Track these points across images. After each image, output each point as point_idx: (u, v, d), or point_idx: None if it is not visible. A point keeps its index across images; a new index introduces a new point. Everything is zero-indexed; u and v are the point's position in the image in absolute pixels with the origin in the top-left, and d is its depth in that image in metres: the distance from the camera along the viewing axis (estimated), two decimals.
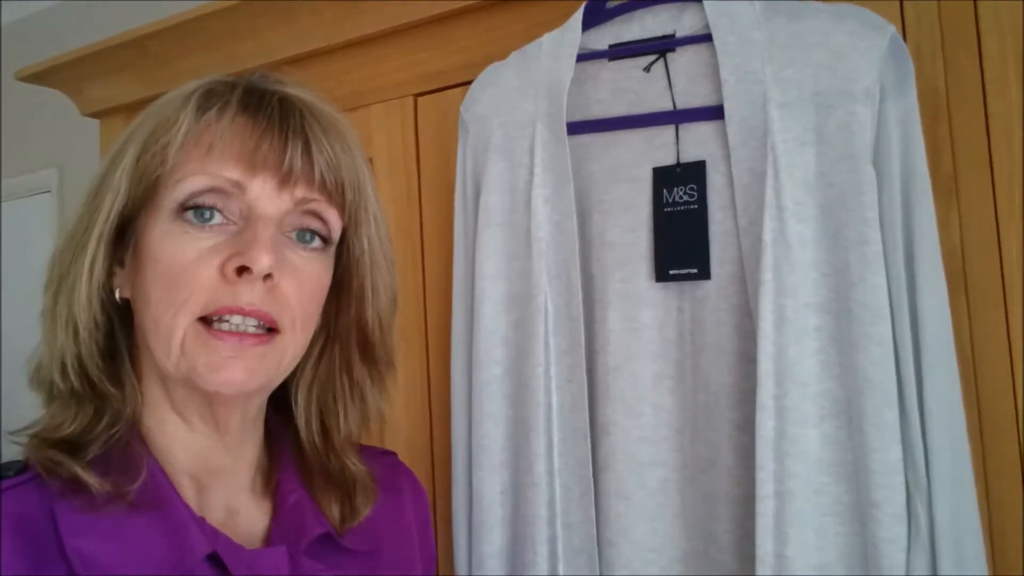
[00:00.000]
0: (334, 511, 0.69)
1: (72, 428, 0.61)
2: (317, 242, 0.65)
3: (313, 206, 0.63)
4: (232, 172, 0.60)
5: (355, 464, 0.72)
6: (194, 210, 0.60)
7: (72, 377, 0.62)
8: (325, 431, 0.72)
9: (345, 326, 0.70)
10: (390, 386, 0.74)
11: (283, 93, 0.64)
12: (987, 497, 0.80)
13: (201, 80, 0.65)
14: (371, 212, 0.68)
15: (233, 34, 1.25)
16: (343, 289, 0.69)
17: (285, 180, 0.61)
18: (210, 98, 0.62)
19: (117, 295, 0.64)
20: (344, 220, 0.66)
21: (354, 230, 0.67)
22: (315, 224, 0.65)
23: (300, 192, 0.62)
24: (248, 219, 0.61)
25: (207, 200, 0.60)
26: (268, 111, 0.62)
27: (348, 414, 0.72)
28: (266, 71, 0.68)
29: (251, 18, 1.22)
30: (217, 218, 0.61)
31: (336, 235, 0.66)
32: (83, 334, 0.62)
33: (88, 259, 0.61)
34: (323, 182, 0.63)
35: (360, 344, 0.70)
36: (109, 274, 0.63)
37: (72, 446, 0.60)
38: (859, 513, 0.78)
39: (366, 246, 0.68)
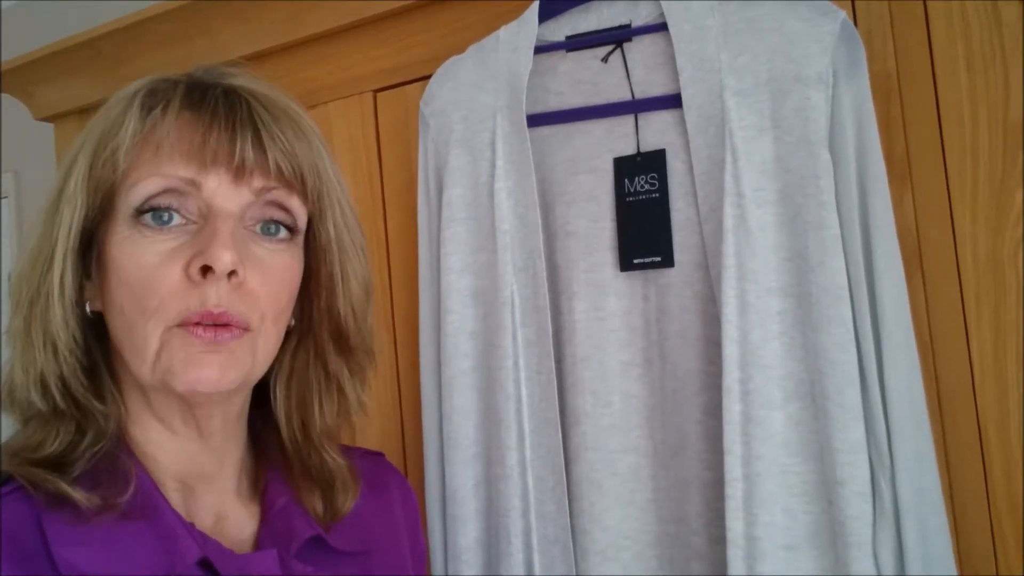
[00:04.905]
0: (318, 509, 0.69)
1: (54, 447, 0.59)
2: (283, 233, 0.64)
3: (273, 195, 0.62)
4: (185, 171, 0.59)
5: (334, 459, 0.72)
6: (151, 213, 0.59)
7: (56, 396, 0.60)
8: (304, 426, 0.71)
9: (317, 317, 0.68)
10: (371, 377, 0.73)
11: (228, 85, 0.63)
12: (948, 471, 0.82)
13: (145, 79, 0.64)
14: (335, 197, 0.66)
15: (186, 34, 1.23)
16: (312, 279, 0.67)
17: (239, 173, 0.60)
18: (154, 96, 0.61)
19: (88, 308, 0.63)
20: (309, 207, 0.65)
21: (319, 217, 0.66)
22: (279, 214, 0.63)
23: (258, 183, 0.61)
24: (207, 217, 0.60)
25: (163, 201, 0.59)
26: (212, 104, 0.60)
27: (324, 408, 0.71)
28: (213, 64, 0.66)
29: (204, 17, 1.20)
30: (176, 219, 0.59)
31: (302, 223, 0.65)
32: (64, 353, 0.60)
33: (57, 277, 0.60)
34: (280, 171, 0.61)
35: (333, 335, 0.69)
36: (79, 288, 0.62)
37: (56, 464, 0.59)
38: (825, 492, 0.80)
39: (332, 233, 0.67)
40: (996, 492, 0.81)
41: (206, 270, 0.58)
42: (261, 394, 0.71)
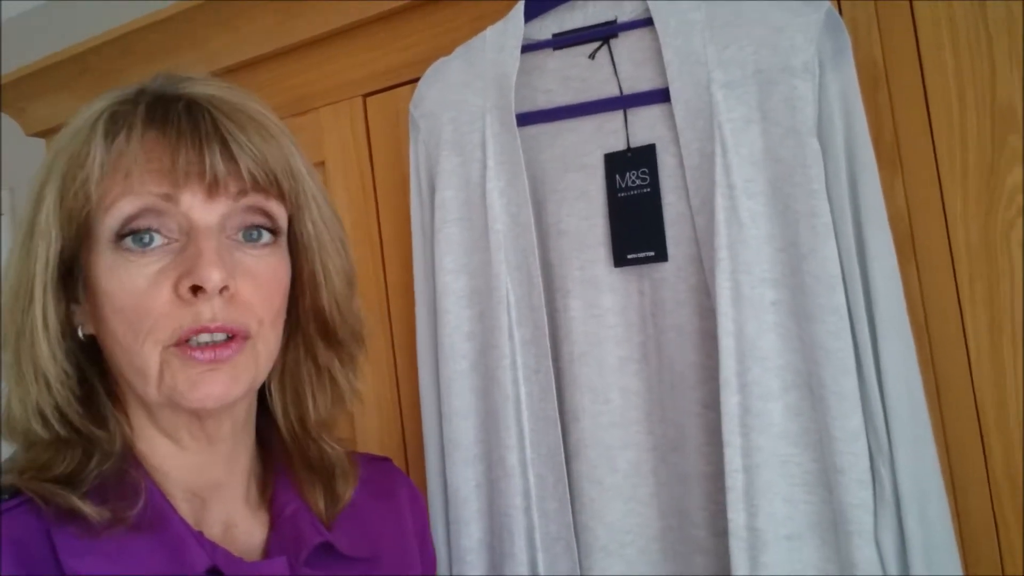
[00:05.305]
0: (319, 501, 0.69)
1: (63, 468, 0.59)
2: (266, 237, 0.63)
3: (251, 202, 0.62)
4: (158, 187, 0.59)
5: (333, 448, 0.72)
6: (132, 236, 0.59)
7: (56, 426, 0.61)
8: (301, 420, 0.71)
9: (303, 315, 0.69)
10: (363, 364, 0.73)
11: (189, 96, 0.62)
12: (947, 455, 0.82)
13: (104, 99, 0.63)
14: (310, 194, 0.66)
15: (175, 45, 1.23)
16: (295, 278, 0.67)
17: (213, 188, 0.59)
18: (116, 121, 0.60)
19: (80, 333, 0.63)
20: (287, 207, 0.65)
21: (297, 216, 0.66)
22: (259, 219, 0.63)
23: (233, 194, 0.61)
24: (189, 233, 0.59)
25: (142, 223, 0.59)
26: (176, 121, 0.60)
27: (317, 400, 0.71)
28: (171, 73, 0.65)
29: (192, 28, 1.20)
30: (157, 240, 0.59)
31: (283, 224, 0.65)
32: (56, 385, 0.61)
33: (39, 312, 0.60)
34: (253, 178, 0.61)
35: (320, 330, 0.69)
36: (67, 315, 0.62)
37: (66, 481, 0.59)
38: (825, 480, 0.80)
39: (311, 230, 0.66)
40: (996, 475, 0.81)
41: (196, 289, 0.58)
42: (261, 395, 0.71)
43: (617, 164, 0.91)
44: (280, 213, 0.64)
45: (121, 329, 0.59)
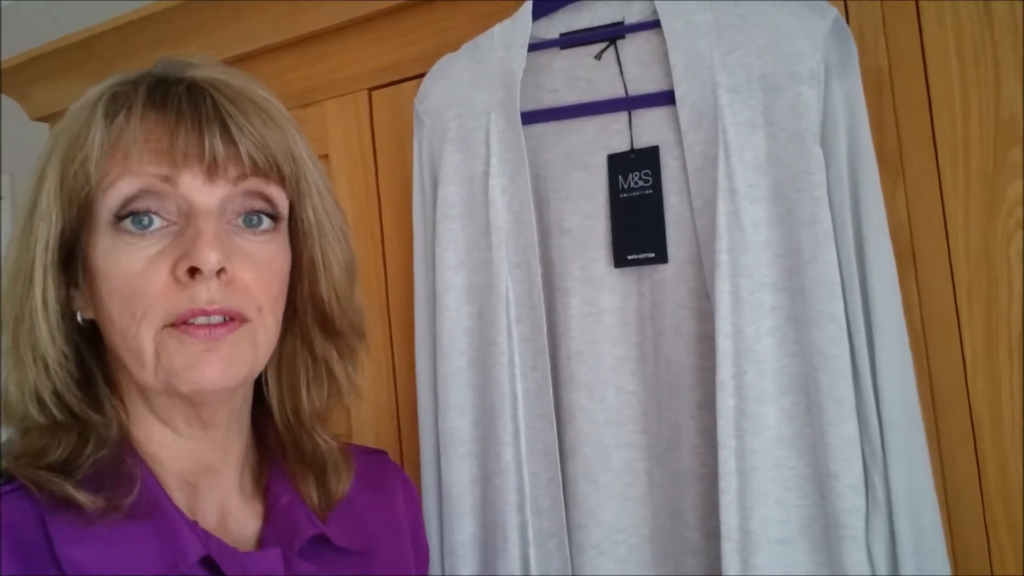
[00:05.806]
0: (313, 495, 0.69)
1: (58, 454, 0.59)
2: (267, 223, 0.63)
3: (252, 186, 0.61)
4: (157, 169, 0.59)
5: (327, 442, 0.72)
6: (131, 218, 0.59)
7: (53, 410, 0.60)
8: (296, 411, 0.71)
9: (300, 303, 0.68)
10: (363, 358, 0.73)
11: (191, 79, 0.61)
12: (941, 463, 0.83)
13: (107, 82, 0.63)
14: (312, 182, 0.66)
15: (181, 34, 1.23)
16: (294, 265, 0.67)
17: (212, 170, 0.59)
18: (116, 102, 0.60)
19: (79, 317, 0.63)
20: (288, 193, 0.64)
21: (298, 203, 0.65)
22: (260, 204, 0.62)
23: (233, 177, 0.60)
24: (188, 216, 0.59)
25: (141, 205, 0.59)
26: (176, 102, 0.59)
27: (312, 391, 0.70)
28: (175, 57, 0.64)
29: (199, 17, 1.20)
30: (156, 222, 0.59)
31: (284, 210, 0.64)
32: (54, 368, 0.60)
33: (39, 294, 0.60)
34: (253, 162, 0.60)
35: (318, 320, 0.69)
36: (67, 299, 0.62)
37: (61, 469, 0.59)
38: (818, 485, 0.80)
39: (312, 217, 0.66)
40: (989, 484, 0.81)
41: (194, 271, 0.58)
42: (258, 385, 0.71)
43: (620, 165, 0.91)
44: (280, 198, 0.64)
45: (117, 311, 0.59)
